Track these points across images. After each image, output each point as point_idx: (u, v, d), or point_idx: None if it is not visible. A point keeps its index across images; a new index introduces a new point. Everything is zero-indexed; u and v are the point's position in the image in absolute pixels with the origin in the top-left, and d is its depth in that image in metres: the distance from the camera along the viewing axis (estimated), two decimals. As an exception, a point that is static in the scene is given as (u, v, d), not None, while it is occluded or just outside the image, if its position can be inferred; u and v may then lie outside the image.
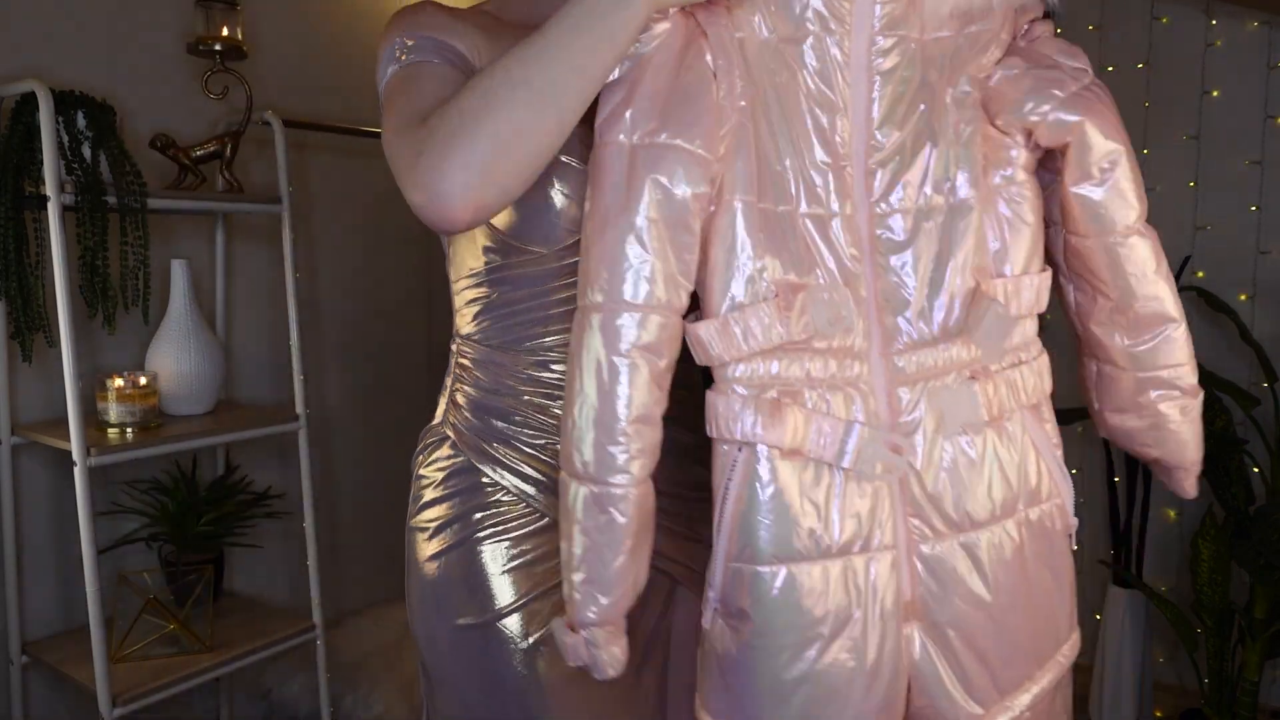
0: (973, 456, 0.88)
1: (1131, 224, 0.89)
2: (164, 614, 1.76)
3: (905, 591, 0.87)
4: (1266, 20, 2.34)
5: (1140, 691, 2.45)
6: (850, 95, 0.84)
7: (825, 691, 0.85)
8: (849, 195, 0.86)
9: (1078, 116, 0.86)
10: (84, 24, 1.85)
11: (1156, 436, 0.99)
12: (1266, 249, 2.39)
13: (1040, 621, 0.93)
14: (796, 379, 0.85)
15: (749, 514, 0.85)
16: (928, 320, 0.87)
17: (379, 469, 2.53)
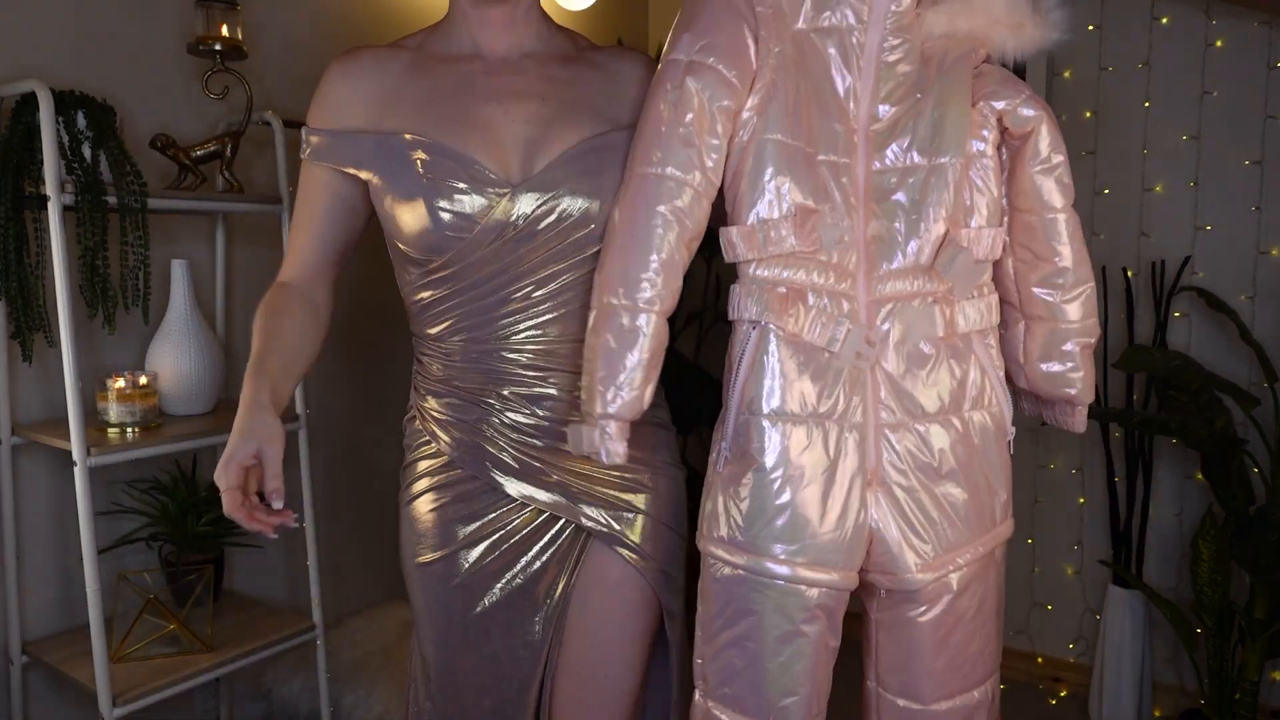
0: (929, 363, 1.13)
1: (1067, 204, 1.17)
2: (164, 614, 1.77)
3: (870, 460, 1.12)
4: (1266, 20, 2.34)
5: (1140, 691, 2.45)
6: (862, 77, 1.12)
7: (799, 519, 1.10)
8: (854, 152, 1.12)
9: (1037, 112, 1.15)
10: (84, 24, 1.85)
11: (1067, 379, 1.20)
12: (1266, 249, 2.39)
13: (975, 501, 1.17)
14: (802, 282, 1.11)
15: (756, 378, 1.11)
16: (904, 255, 1.12)
17: (379, 469, 2.53)
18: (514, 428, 1.23)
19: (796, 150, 1.09)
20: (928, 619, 1.16)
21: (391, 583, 2.59)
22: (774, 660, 1.12)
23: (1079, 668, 2.72)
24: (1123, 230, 2.57)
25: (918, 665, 1.17)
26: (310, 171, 1.23)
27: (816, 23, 1.11)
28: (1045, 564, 2.76)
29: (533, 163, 1.17)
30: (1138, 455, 2.48)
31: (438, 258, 1.19)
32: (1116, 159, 2.57)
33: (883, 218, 1.12)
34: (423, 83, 1.20)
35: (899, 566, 1.13)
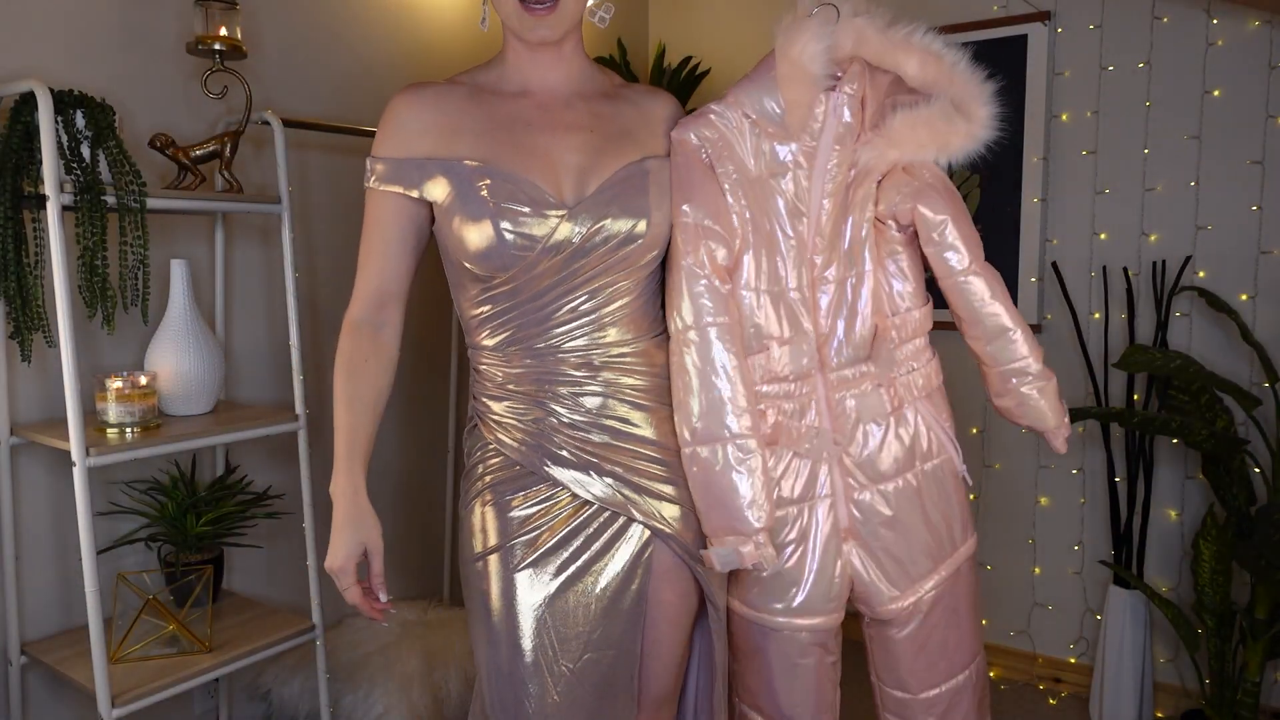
0: (883, 434, 1.40)
1: (966, 267, 1.36)
2: (163, 614, 1.76)
3: (843, 521, 1.40)
4: (1267, 20, 2.34)
5: (1141, 692, 2.45)
6: (810, 209, 1.36)
7: (785, 583, 1.40)
8: (807, 273, 1.38)
9: (911, 203, 1.35)
10: (84, 24, 1.85)
11: (1023, 410, 1.41)
12: (1267, 249, 2.39)
13: (935, 537, 1.43)
14: (777, 395, 1.39)
15: None
16: (849, 349, 1.40)
17: (380, 469, 2.53)
18: (570, 425, 1.33)
19: (770, 292, 1.37)
20: (904, 635, 1.43)
21: (391, 583, 2.59)
22: (781, 683, 1.43)
23: (1079, 668, 2.72)
24: (1123, 230, 2.57)
25: (903, 667, 1.45)
26: (379, 199, 1.34)
27: (772, 167, 1.36)
28: (1046, 564, 2.75)
29: (585, 186, 1.30)
30: (1138, 455, 2.48)
31: (501, 274, 1.30)
32: (1117, 159, 2.56)
33: (827, 323, 1.38)
34: (480, 114, 1.33)
35: (876, 600, 1.42)
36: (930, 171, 1.36)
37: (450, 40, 2.65)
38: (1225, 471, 2.27)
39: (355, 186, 2.41)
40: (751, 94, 1.34)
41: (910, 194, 1.34)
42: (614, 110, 1.38)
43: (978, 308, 1.36)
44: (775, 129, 1.34)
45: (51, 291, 1.59)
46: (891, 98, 1.34)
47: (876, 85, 1.35)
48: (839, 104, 1.32)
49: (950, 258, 1.35)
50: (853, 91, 1.33)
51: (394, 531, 2.59)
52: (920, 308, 1.41)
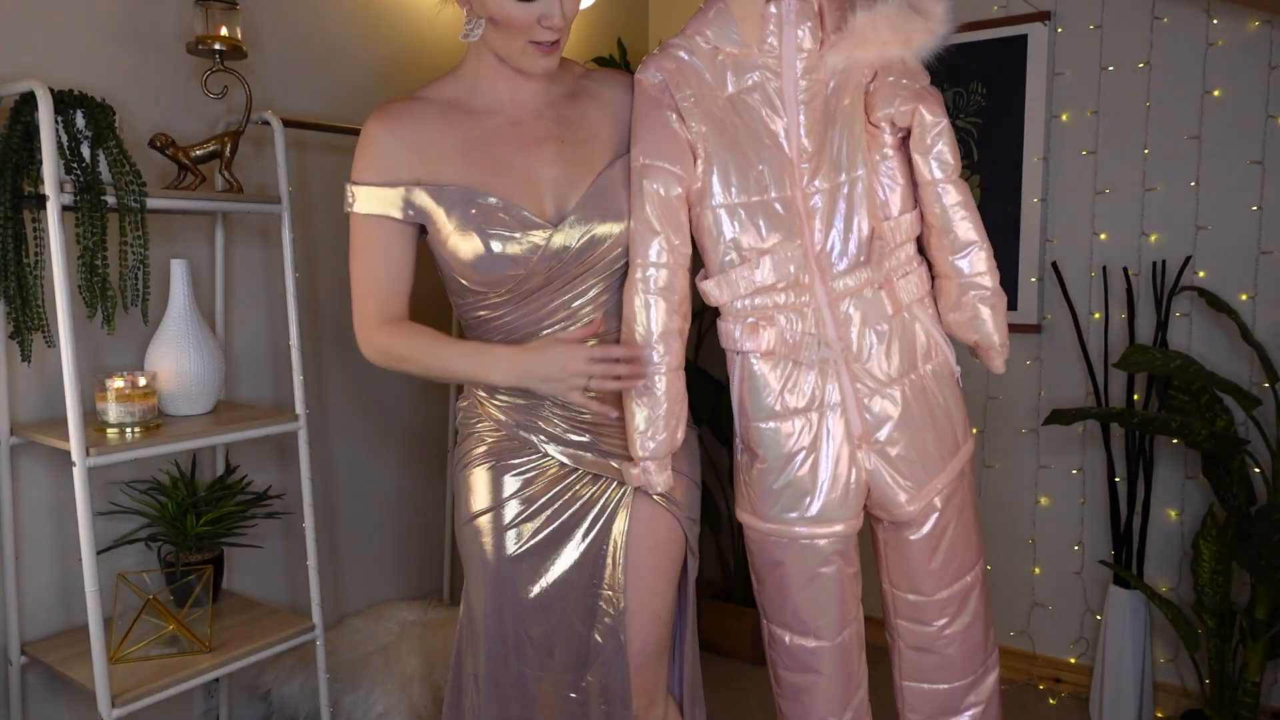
0: (885, 338, 1.42)
1: (948, 175, 1.39)
2: (163, 614, 1.76)
3: (855, 427, 1.43)
4: (1267, 20, 2.34)
5: (1141, 692, 2.45)
6: (787, 118, 1.38)
7: (799, 492, 1.44)
8: (796, 182, 1.40)
9: (911, 105, 1.36)
10: (84, 24, 1.85)
11: (974, 325, 1.44)
12: (1268, 249, 2.39)
13: (941, 434, 1.47)
14: (769, 306, 1.42)
15: (746, 392, 1.45)
16: (846, 256, 1.41)
17: (379, 469, 2.53)
18: (563, 408, 1.44)
19: (745, 205, 1.40)
20: (920, 536, 1.48)
21: (391, 583, 2.59)
22: (803, 595, 1.47)
23: (1079, 668, 2.72)
24: (1123, 230, 2.57)
25: (918, 570, 1.50)
26: (366, 225, 1.38)
27: (741, 84, 1.39)
28: (1046, 564, 2.75)
29: (565, 200, 1.38)
30: (1138, 455, 2.48)
31: (496, 289, 1.39)
32: (1117, 159, 2.56)
33: (822, 231, 1.40)
34: (455, 135, 1.38)
35: (892, 504, 1.45)
36: (926, 82, 1.39)
37: (450, 40, 2.65)
38: (1225, 471, 2.27)
39: (355, 186, 2.41)
40: (709, 22, 1.39)
41: (911, 95, 1.36)
42: (579, 112, 1.44)
43: (952, 215, 1.40)
44: (737, 49, 1.38)
45: (51, 291, 1.59)
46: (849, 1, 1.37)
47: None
48: (790, 9, 1.36)
49: (937, 163, 1.38)
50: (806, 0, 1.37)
51: (393, 532, 2.59)
52: (910, 211, 1.43)
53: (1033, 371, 2.72)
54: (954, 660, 1.53)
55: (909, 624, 1.54)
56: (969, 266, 1.42)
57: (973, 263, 1.41)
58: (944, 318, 1.48)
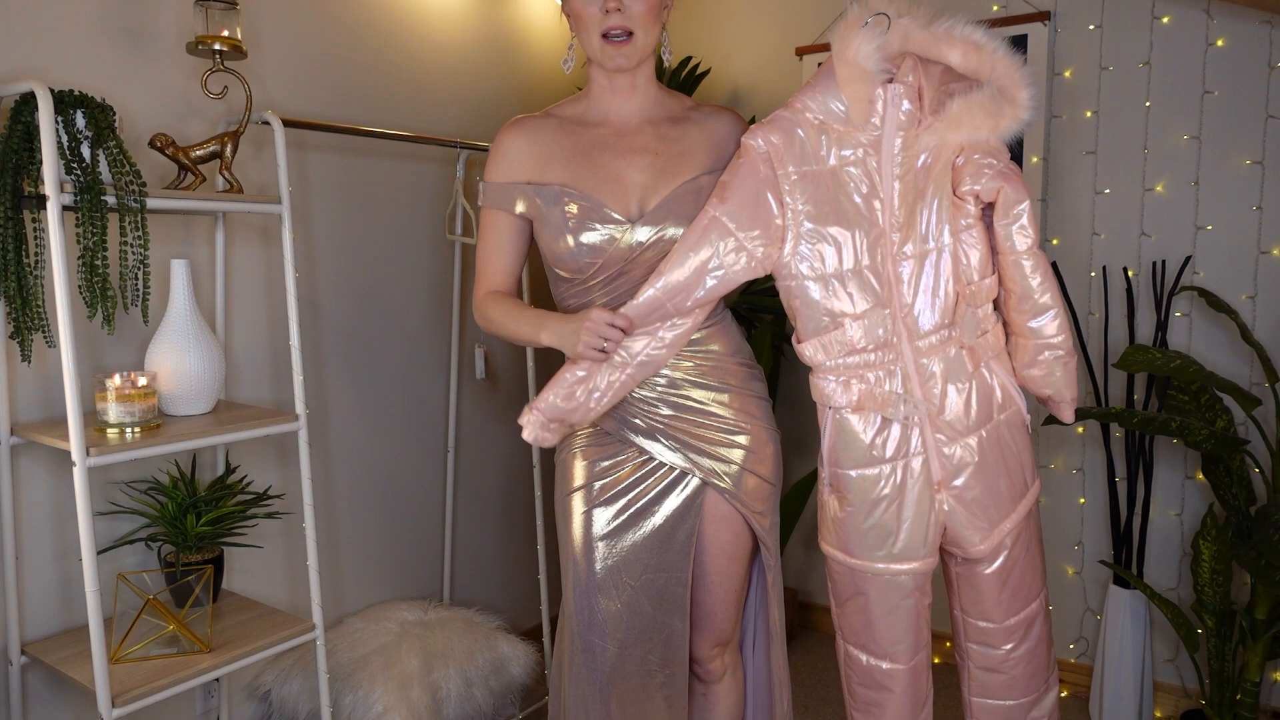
0: (965, 392, 1.55)
1: (1029, 248, 1.52)
2: (163, 614, 1.76)
3: (936, 474, 1.55)
4: (1267, 20, 2.34)
5: (1141, 692, 2.45)
6: (882, 190, 1.50)
7: (883, 533, 1.57)
8: (889, 250, 1.51)
9: (998, 183, 1.50)
10: (84, 24, 1.85)
11: (1048, 381, 1.60)
12: (1267, 249, 2.39)
13: (1013, 479, 1.59)
14: (860, 365, 1.54)
15: (836, 444, 1.57)
16: (932, 318, 1.53)
17: (379, 469, 2.53)
18: (642, 400, 1.65)
19: (838, 274, 1.52)
20: (992, 570, 1.60)
21: (391, 583, 2.59)
22: (883, 623, 1.60)
23: (1079, 668, 2.72)
24: (1123, 230, 2.57)
25: (988, 600, 1.62)
26: (488, 215, 1.67)
27: (842, 159, 1.50)
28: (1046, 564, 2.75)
29: (647, 202, 1.59)
30: (1138, 455, 2.48)
31: (580, 275, 1.62)
32: (1117, 159, 2.56)
33: (912, 295, 1.52)
34: (568, 143, 1.63)
35: (967, 543, 1.58)
36: (1008, 159, 1.52)
37: (450, 40, 2.65)
38: (1225, 471, 2.27)
39: (355, 187, 2.42)
40: (816, 98, 1.50)
41: (996, 174, 1.48)
42: (679, 133, 1.65)
43: (1032, 285, 1.52)
44: (842, 125, 1.50)
45: (51, 291, 1.59)
46: (946, 86, 1.47)
47: (930, 75, 1.48)
48: (897, 94, 1.47)
49: (1019, 237, 1.50)
50: (909, 82, 1.47)
51: (393, 532, 2.59)
52: (990, 275, 1.55)
53: (1033, 371, 2.72)
54: (1019, 680, 1.66)
55: (978, 647, 1.66)
56: (1046, 330, 1.55)
57: (1049, 326, 1.55)
58: (1019, 373, 1.61)
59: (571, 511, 1.67)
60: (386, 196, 2.50)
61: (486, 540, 2.88)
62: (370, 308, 2.48)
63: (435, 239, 2.63)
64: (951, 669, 2.88)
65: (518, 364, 2.90)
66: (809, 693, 2.76)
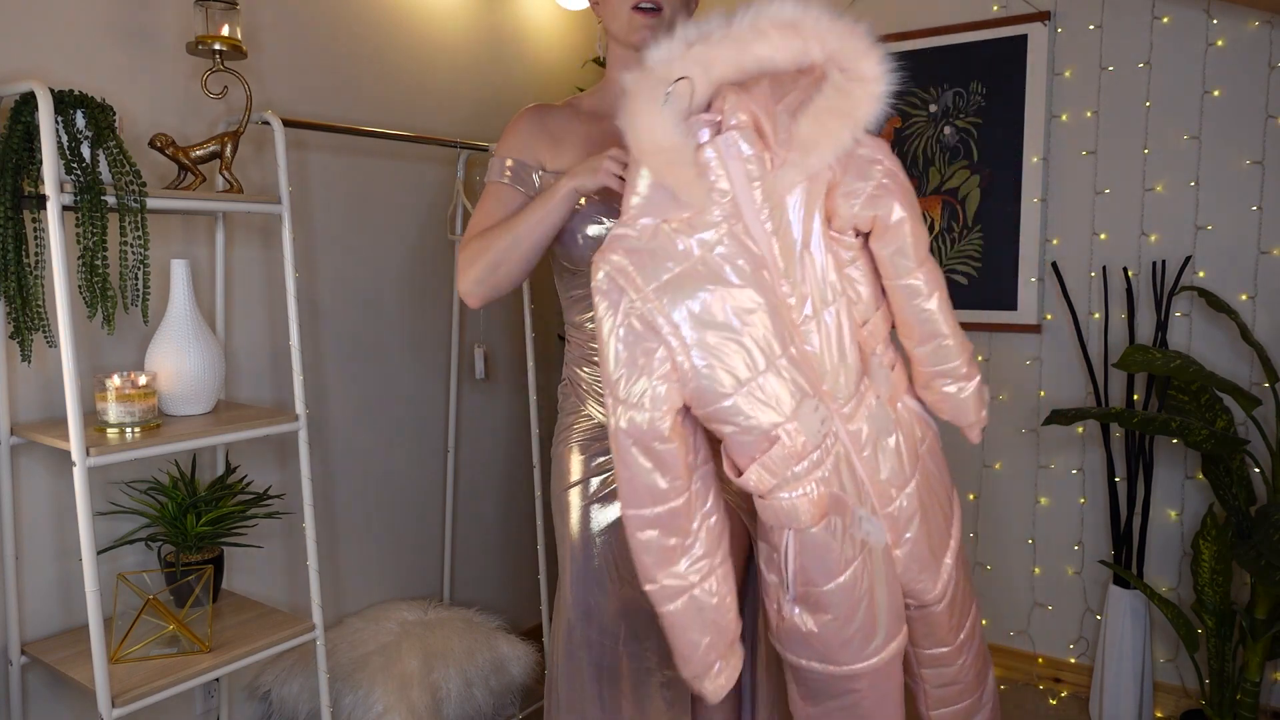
0: (894, 444, 1.34)
1: (914, 269, 1.29)
2: (163, 614, 1.76)
3: (886, 538, 1.35)
4: (1267, 20, 2.34)
5: (1141, 692, 2.45)
6: (766, 255, 1.22)
7: (868, 629, 1.35)
8: (791, 327, 1.24)
9: (871, 211, 1.26)
10: (84, 24, 1.85)
11: (944, 405, 1.42)
12: (1267, 249, 2.39)
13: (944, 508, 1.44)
14: (810, 468, 1.27)
15: (808, 563, 1.32)
16: (846, 379, 1.28)
17: (379, 469, 2.53)
18: None
19: (751, 381, 1.22)
20: (943, 606, 1.47)
21: (391, 583, 2.59)
22: (878, 709, 1.43)
23: (1079, 668, 2.72)
24: (1123, 230, 2.57)
25: (942, 629, 1.49)
26: (488, 187, 1.62)
27: (705, 245, 1.20)
28: (1045, 564, 2.75)
29: None
30: (1138, 455, 2.48)
31: (584, 268, 1.55)
32: (1117, 159, 2.56)
33: (826, 360, 1.26)
34: (581, 132, 1.61)
35: (923, 593, 1.43)
36: (882, 167, 1.26)
37: (451, 39, 2.65)
38: (1225, 471, 2.27)
39: (355, 187, 2.42)
40: (642, 207, 1.22)
41: (866, 201, 1.25)
42: None
43: (919, 308, 1.32)
44: (687, 213, 1.20)
45: (51, 291, 1.59)
46: (783, 101, 1.20)
47: (758, 98, 1.19)
48: (730, 143, 1.18)
49: (902, 260, 1.28)
50: (741, 122, 1.18)
51: (393, 532, 2.59)
52: (881, 307, 1.34)
53: (1033, 371, 2.72)
54: (971, 680, 1.60)
55: (933, 670, 1.56)
56: (937, 357, 1.36)
57: (941, 354, 1.36)
58: (917, 394, 1.43)
59: (569, 505, 1.66)
60: (386, 196, 2.50)
61: (486, 540, 2.88)
62: (370, 308, 2.48)
63: (435, 239, 2.63)
64: (951, 669, 2.88)
65: (518, 364, 2.90)
66: (809, 693, 2.76)
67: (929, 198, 2.84)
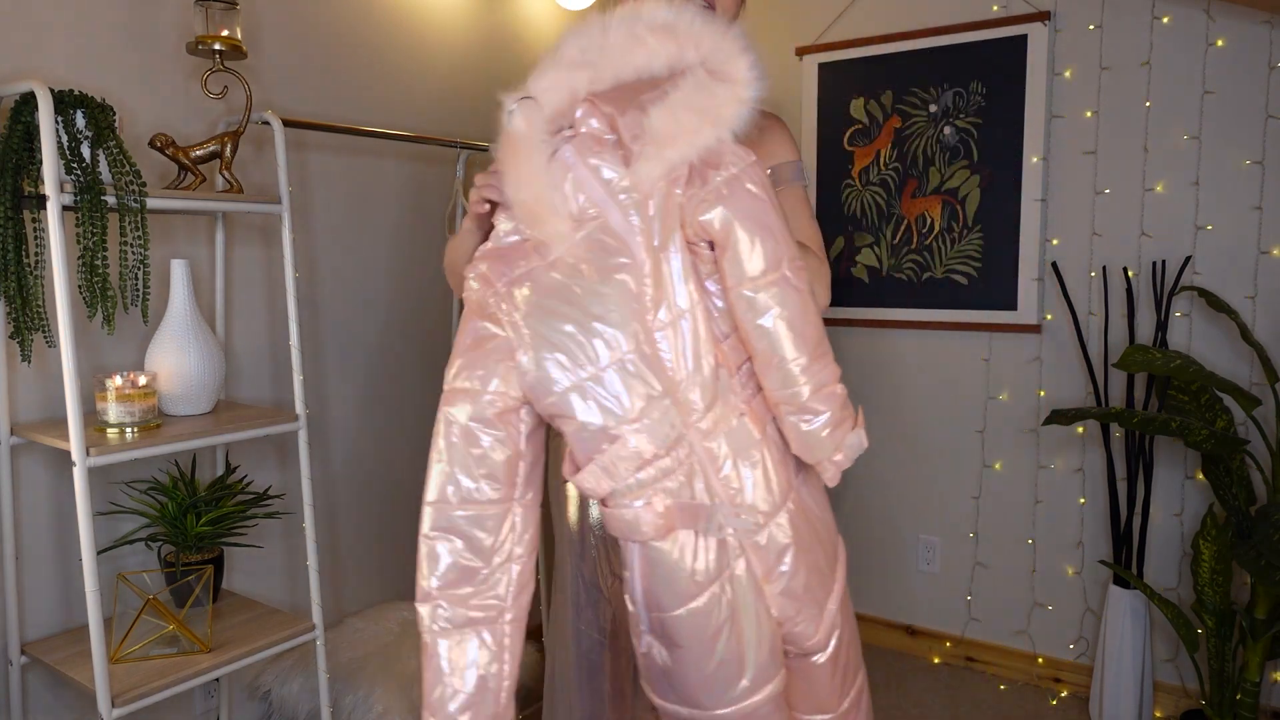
0: (759, 468, 1.21)
1: (744, 280, 1.16)
2: (163, 614, 1.76)
3: (757, 570, 1.23)
4: (1267, 20, 2.34)
5: (1141, 692, 2.45)
6: (626, 255, 1.16)
7: (731, 668, 1.23)
8: (645, 329, 1.17)
9: (702, 216, 1.15)
10: (84, 24, 1.85)
11: (792, 438, 1.23)
12: (1267, 249, 2.39)
13: (826, 547, 1.31)
14: (657, 477, 1.18)
15: (654, 583, 1.22)
16: (703, 391, 1.18)
17: (379, 469, 2.53)
18: None
19: (595, 377, 1.18)
20: (825, 658, 1.34)
21: (391, 583, 2.59)
22: None
23: (1079, 668, 2.72)
24: (1123, 230, 2.57)
25: (823, 690, 1.35)
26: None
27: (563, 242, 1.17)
28: (1045, 564, 2.75)
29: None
30: (1138, 455, 2.48)
31: None
32: (1117, 159, 2.56)
33: (679, 369, 1.17)
34: None
35: (802, 638, 1.30)
36: (725, 175, 1.15)
37: (450, 39, 2.65)
38: (1225, 471, 2.27)
39: (355, 187, 2.42)
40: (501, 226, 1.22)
41: (698, 206, 1.15)
42: None
43: (752, 323, 1.18)
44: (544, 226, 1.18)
45: (51, 291, 1.59)
46: (639, 100, 1.15)
47: (615, 99, 1.15)
48: (583, 146, 1.15)
49: (733, 268, 1.16)
50: (591, 129, 1.15)
51: (394, 532, 2.59)
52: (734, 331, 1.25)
53: (1033, 371, 2.72)
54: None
55: None
56: (779, 380, 1.19)
57: (781, 378, 1.19)
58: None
59: (568, 498, 1.67)
60: (386, 196, 2.50)
61: (486, 540, 2.88)
62: (370, 308, 2.48)
63: (435, 239, 2.63)
64: (950, 669, 2.88)
65: (518, 364, 2.90)
66: (809, 693, 2.76)
67: (929, 197, 2.84)
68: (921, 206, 2.86)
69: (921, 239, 2.86)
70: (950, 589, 2.92)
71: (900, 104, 2.86)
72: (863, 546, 3.08)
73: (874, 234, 2.95)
